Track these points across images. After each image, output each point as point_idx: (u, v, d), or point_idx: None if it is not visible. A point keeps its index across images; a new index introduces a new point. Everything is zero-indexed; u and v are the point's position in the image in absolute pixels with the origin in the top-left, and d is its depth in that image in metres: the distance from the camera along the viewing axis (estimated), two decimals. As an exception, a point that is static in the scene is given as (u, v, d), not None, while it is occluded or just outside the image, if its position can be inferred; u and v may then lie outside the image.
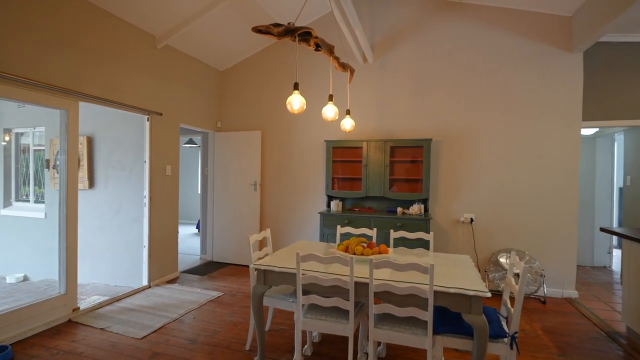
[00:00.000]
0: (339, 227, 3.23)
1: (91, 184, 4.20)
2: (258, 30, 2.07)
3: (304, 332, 2.68)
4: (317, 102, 4.68)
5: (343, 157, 4.47)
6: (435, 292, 1.93)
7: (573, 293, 3.85)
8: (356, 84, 4.54)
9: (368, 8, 4.51)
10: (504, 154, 4.05)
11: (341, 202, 4.40)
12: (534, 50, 3.94)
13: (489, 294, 1.85)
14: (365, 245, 2.50)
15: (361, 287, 2.09)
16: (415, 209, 4.10)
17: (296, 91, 2.19)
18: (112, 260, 4.11)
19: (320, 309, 2.26)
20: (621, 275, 4.49)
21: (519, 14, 3.98)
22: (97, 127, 4.17)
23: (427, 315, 1.93)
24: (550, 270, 3.89)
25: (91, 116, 4.06)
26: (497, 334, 1.94)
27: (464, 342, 1.97)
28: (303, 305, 2.28)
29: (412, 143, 4.12)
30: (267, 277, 2.33)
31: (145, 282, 3.96)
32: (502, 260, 3.90)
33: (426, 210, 4.18)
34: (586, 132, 4.86)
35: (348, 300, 2.08)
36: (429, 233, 3.18)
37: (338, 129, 4.64)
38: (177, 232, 4.43)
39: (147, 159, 3.94)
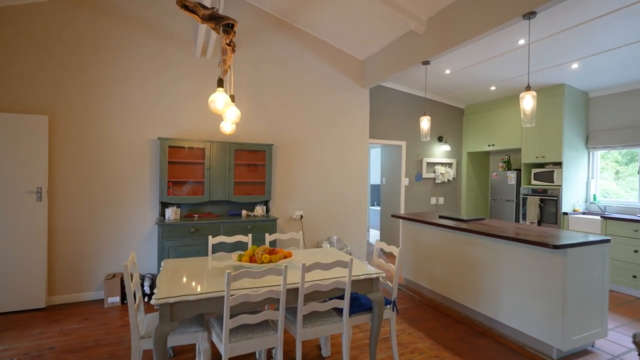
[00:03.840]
0: (210, 237, 2.94)
1: None
2: (184, 5, 1.66)
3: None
4: (141, 89, 3.90)
5: (181, 158, 3.96)
6: (352, 282, 2.29)
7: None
8: (194, 80, 4.13)
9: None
10: (321, 160, 4.95)
11: (179, 209, 3.89)
12: (341, 80, 5.04)
13: (384, 274, 2.42)
14: (266, 252, 2.50)
15: (290, 293, 2.13)
16: (259, 210, 4.28)
17: (220, 88, 1.91)
18: None
19: (243, 328, 2.09)
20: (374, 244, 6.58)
21: (332, 48, 4.97)
22: None
23: (345, 304, 2.26)
24: (353, 249, 5.15)
25: None
26: (386, 302, 2.55)
27: (365, 316, 2.46)
28: (212, 330, 2.03)
29: (256, 147, 4.26)
30: (176, 310, 1.89)
31: None
32: (325, 246, 4.78)
33: (267, 211, 4.43)
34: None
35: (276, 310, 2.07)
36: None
37: (170, 124, 4.05)
38: None
39: None
